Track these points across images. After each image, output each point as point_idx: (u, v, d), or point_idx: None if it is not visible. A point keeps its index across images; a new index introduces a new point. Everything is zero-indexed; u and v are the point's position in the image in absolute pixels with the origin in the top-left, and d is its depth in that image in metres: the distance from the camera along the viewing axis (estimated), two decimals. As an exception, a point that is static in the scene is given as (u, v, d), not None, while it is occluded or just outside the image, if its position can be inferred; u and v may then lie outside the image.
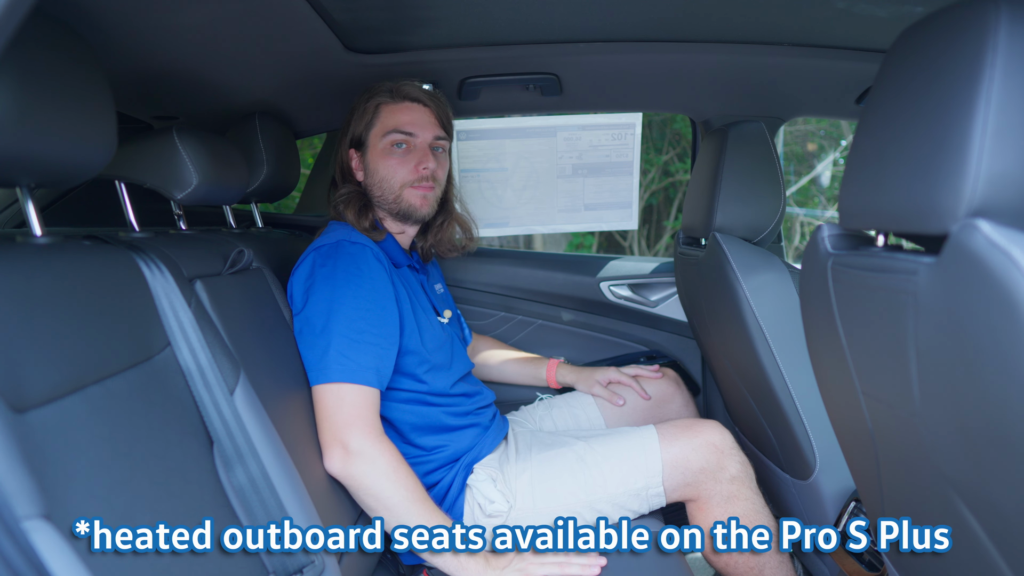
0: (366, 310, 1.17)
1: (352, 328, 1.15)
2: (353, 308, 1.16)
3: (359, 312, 1.16)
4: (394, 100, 1.33)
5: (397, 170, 1.31)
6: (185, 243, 1.06)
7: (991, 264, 0.51)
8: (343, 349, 1.14)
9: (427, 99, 1.35)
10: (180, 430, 0.82)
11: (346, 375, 1.13)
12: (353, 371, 1.13)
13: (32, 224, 0.74)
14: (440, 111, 1.36)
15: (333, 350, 1.13)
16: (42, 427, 0.61)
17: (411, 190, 1.32)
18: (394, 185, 1.32)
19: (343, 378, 1.13)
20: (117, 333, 0.76)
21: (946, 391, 0.61)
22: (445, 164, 1.39)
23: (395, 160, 1.31)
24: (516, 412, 1.61)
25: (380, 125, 1.32)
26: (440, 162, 1.36)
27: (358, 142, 1.35)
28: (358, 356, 1.14)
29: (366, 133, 1.34)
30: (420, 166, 1.31)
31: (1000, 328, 0.51)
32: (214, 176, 1.15)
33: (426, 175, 1.31)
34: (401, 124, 1.31)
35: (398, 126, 1.31)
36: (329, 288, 1.18)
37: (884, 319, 0.68)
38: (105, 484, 0.66)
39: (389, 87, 1.34)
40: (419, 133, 1.32)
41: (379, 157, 1.32)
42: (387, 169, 1.32)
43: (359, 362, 1.14)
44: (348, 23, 1.28)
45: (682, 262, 1.64)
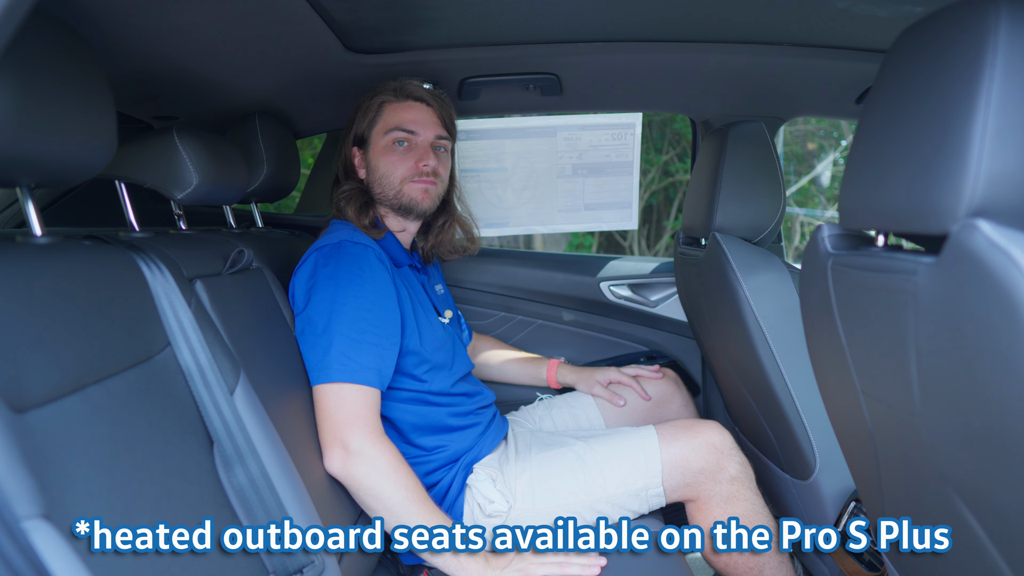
0: (368, 310, 1.17)
1: (354, 328, 1.15)
2: (355, 308, 1.16)
3: (361, 312, 1.16)
4: (397, 99, 1.34)
5: (397, 167, 1.32)
6: (185, 243, 1.06)
7: (991, 264, 0.51)
8: (345, 349, 1.14)
9: (430, 98, 1.36)
10: (180, 430, 0.82)
11: (347, 375, 1.13)
12: (354, 371, 1.13)
13: (32, 224, 0.74)
14: (443, 111, 1.37)
15: (335, 350, 1.14)
16: (42, 427, 0.61)
17: (412, 184, 1.32)
18: (394, 181, 1.32)
19: (344, 378, 1.13)
20: (117, 333, 0.76)
21: (946, 391, 0.61)
22: (447, 163, 1.40)
23: (396, 157, 1.32)
24: (516, 412, 1.61)
25: (383, 123, 1.33)
26: (442, 160, 1.37)
27: (361, 140, 1.36)
28: (360, 356, 1.14)
29: (369, 131, 1.35)
30: (420, 163, 1.31)
31: (1000, 328, 0.51)
32: (214, 176, 1.15)
33: (427, 171, 1.32)
34: (403, 122, 1.32)
35: (400, 124, 1.32)
36: (331, 288, 1.18)
37: (884, 319, 0.68)
38: (105, 484, 0.66)
39: (393, 86, 1.35)
40: (421, 132, 1.33)
41: (380, 154, 1.33)
42: (388, 166, 1.32)
43: (361, 362, 1.14)
44: (348, 23, 1.28)
45: (682, 262, 1.64)
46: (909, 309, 0.62)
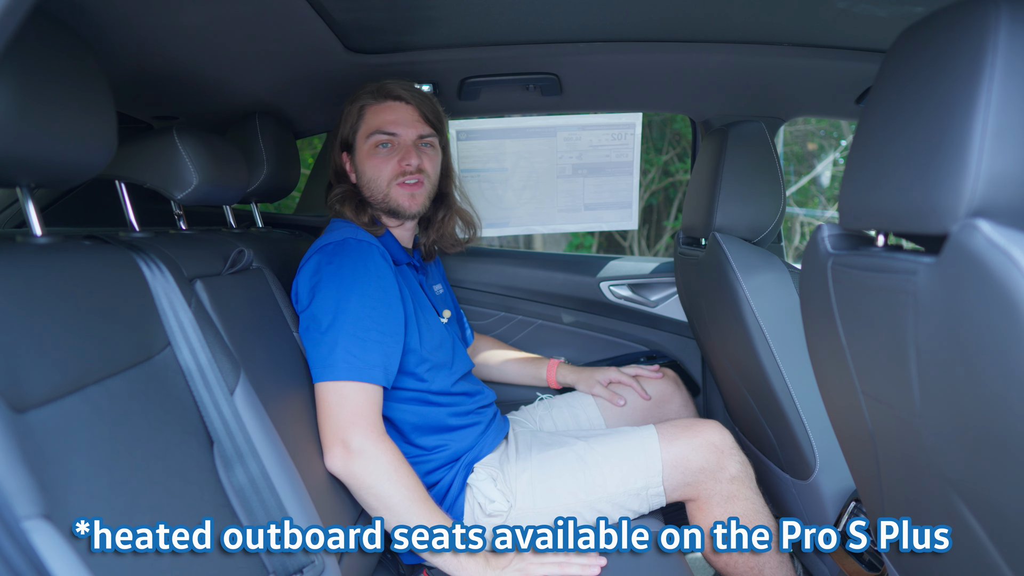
0: (372, 308, 1.17)
1: (360, 326, 1.15)
2: (360, 305, 1.16)
3: (366, 310, 1.16)
4: (376, 100, 1.33)
5: (382, 169, 1.32)
6: (185, 243, 1.06)
7: (991, 264, 0.51)
8: (350, 347, 1.14)
9: (409, 96, 1.34)
10: (180, 430, 0.82)
11: (353, 373, 1.13)
12: (360, 369, 1.13)
13: (32, 224, 0.74)
14: (424, 107, 1.35)
15: (340, 348, 1.13)
16: (42, 427, 0.61)
17: (398, 188, 1.31)
18: (381, 184, 1.32)
19: (349, 376, 1.13)
20: (117, 333, 0.77)
21: (946, 391, 0.61)
22: (435, 158, 1.38)
23: (379, 160, 1.32)
24: (516, 412, 1.61)
25: (365, 127, 1.33)
26: (428, 156, 1.35)
27: (347, 145, 1.36)
28: (365, 354, 1.14)
29: (353, 135, 1.35)
30: (403, 162, 1.31)
31: (1000, 328, 0.51)
32: (214, 176, 1.15)
33: (410, 170, 1.31)
34: (383, 124, 1.32)
35: (380, 127, 1.32)
36: (336, 285, 1.18)
37: (884, 319, 0.68)
38: (105, 484, 0.66)
39: (373, 88, 1.34)
40: (401, 132, 1.32)
41: (365, 158, 1.33)
42: (373, 169, 1.32)
43: (366, 360, 1.14)
44: (348, 23, 1.28)
45: (682, 262, 1.64)
46: (909, 309, 0.62)
